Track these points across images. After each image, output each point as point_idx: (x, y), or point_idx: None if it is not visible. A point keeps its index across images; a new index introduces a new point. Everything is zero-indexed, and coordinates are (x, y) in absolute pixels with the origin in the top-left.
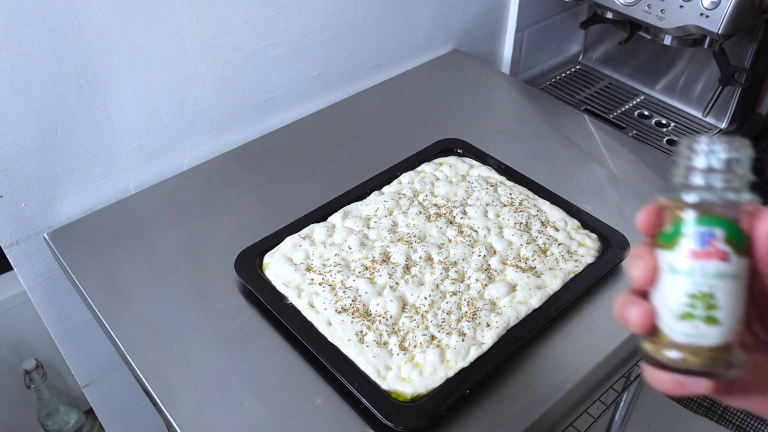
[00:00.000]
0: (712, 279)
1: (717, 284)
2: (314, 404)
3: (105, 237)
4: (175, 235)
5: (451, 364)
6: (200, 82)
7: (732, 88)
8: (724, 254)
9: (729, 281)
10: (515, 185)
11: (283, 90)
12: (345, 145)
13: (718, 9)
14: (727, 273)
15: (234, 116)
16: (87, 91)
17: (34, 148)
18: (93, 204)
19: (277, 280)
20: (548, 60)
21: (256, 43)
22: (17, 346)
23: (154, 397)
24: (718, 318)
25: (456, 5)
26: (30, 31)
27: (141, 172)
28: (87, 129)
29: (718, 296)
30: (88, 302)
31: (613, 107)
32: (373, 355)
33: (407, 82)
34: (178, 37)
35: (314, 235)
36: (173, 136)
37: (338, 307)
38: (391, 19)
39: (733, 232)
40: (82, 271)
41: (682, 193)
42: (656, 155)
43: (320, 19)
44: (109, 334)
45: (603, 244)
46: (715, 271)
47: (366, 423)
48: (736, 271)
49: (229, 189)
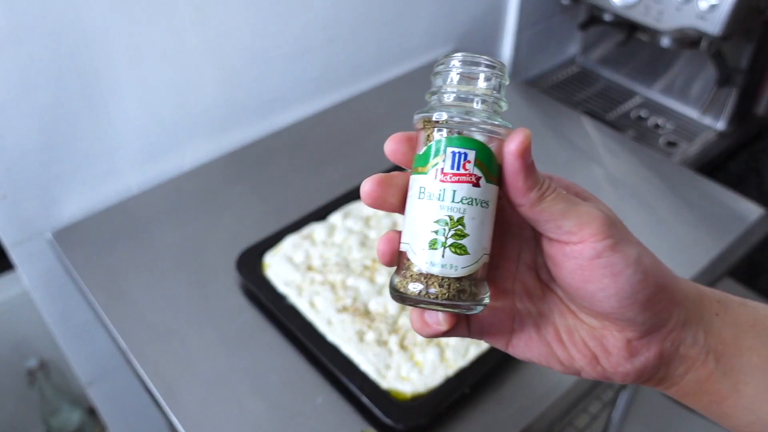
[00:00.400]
0: (463, 204)
1: (467, 210)
2: (315, 403)
3: (107, 237)
4: (177, 234)
5: (451, 363)
6: (201, 83)
7: (730, 89)
8: (476, 178)
9: (478, 208)
10: None
11: (284, 91)
12: (346, 146)
13: (716, 11)
14: (477, 198)
15: (235, 117)
16: (89, 92)
17: (36, 148)
18: (95, 204)
19: (278, 280)
20: (547, 61)
21: (257, 44)
22: (19, 345)
23: (156, 396)
24: (465, 246)
25: (456, 7)
26: (32, 32)
27: (142, 173)
28: (89, 129)
29: (467, 223)
30: (91, 302)
31: (612, 108)
32: (373, 354)
33: (408, 82)
34: (179, 38)
35: (315, 234)
36: (174, 137)
37: (338, 306)
38: (392, 21)
39: (485, 155)
40: (85, 270)
41: (435, 113)
42: (654, 156)
43: (321, 20)
44: (111, 333)
45: None
46: (465, 195)
47: (366, 422)
48: (486, 197)
49: (230, 189)
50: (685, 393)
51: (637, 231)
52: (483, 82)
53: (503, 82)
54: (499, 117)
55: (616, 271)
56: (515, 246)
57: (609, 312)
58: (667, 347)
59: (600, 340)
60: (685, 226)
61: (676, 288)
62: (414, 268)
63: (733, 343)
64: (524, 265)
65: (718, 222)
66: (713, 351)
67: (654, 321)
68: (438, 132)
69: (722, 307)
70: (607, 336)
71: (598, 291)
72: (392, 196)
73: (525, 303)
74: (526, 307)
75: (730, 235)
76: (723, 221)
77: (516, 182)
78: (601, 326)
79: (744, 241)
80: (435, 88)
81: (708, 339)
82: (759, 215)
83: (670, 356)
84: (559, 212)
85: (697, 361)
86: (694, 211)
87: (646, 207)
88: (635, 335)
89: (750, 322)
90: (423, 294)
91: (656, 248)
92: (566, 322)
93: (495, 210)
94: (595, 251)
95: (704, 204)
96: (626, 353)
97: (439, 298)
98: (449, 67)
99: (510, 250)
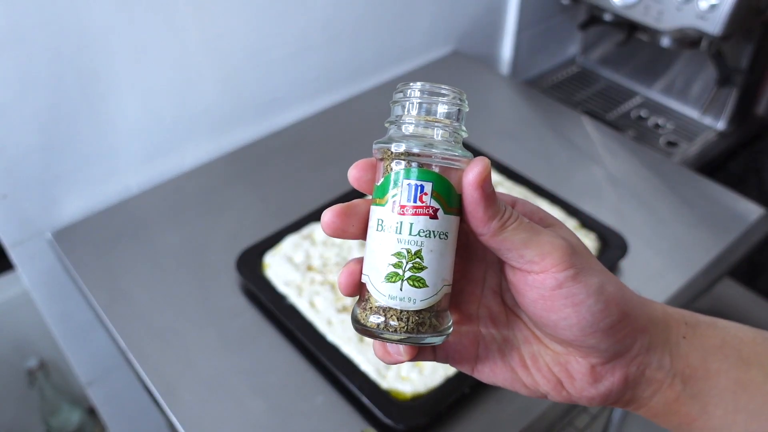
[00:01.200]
0: (420, 237)
1: (424, 242)
2: (315, 403)
3: (107, 237)
4: (177, 235)
5: None
6: (202, 83)
7: (730, 89)
8: (434, 210)
9: (436, 240)
10: (514, 185)
11: (284, 91)
12: (346, 146)
13: (716, 11)
14: (434, 230)
15: (235, 117)
16: (89, 92)
17: (36, 148)
18: (95, 204)
19: (278, 280)
20: (547, 61)
21: (258, 44)
22: (19, 345)
23: (156, 396)
24: (424, 279)
25: (456, 7)
26: (33, 33)
27: (143, 173)
28: (89, 130)
29: (425, 255)
30: (91, 301)
31: (612, 108)
32: (373, 354)
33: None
34: (179, 38)
35: (315, 234)
36: (175, 137)
37: (338, 306)
38: (392, 21)
39: (442, 187)
40: (85, 270)
41: (393, 145)
42: (654, 156)
43: (321, 20)
44: (111, 333)
45: (601, 244)
46: (422, 228)
47: (366, 422)
48: (445, 228)
49: (231, 189)
50: (654, 414)
51: (637, 231)
52: (442, 111)
53: (463, 109)
54: (459, 146)
55: (577, 301)
56: (480, 270)
57: (572, 340)
58: (632, 371)
59: (564, 365)
60: (685, 226)
61: (640, 314)
62: (374, 300)
63: (701, 365)
64: (489, 289)
65: (718, 222)
66: (680, 374)
67: (617, 348)
68: (396, 164)
69: (690, 330)
70: (572, 362)
71: (560, 320)
72: (352, 226)
73: (489, 328)
74: (490, 333)
75: (730, 235)
76: (723, 221)
77: (476, 212)
78: (566, 352)
79: (744, 241)
80: (394, 118)
81: (674, 362)
82: (759, 215)
83: (636, 380)
84: (521, 242)
85: (664, 384)
86: (694, 211)
87: (646, 207)
88: (599, 361)
89: (718, 345)
90: (383, 327)
91: (656, 248)
92: (531, 348)
93: (456, 240)
94: (557, 281)
95: (704, 204)
96: (590, 378)
97: (399, 331)
98: (407, 96)
99: (475, 273)
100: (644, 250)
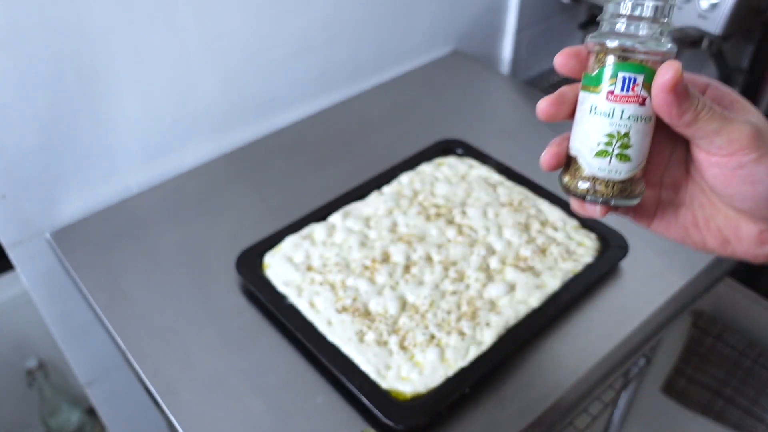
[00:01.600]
0: (629, 121)
1: (632, 125)
2: (315, 403)
3: (107, 237)
4: (177, 234)
5: (451, 363)
6: (202, 82)
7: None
8: (642, 99)
9: (642, 123)
10: (515, 185)
11: (284, 91)
12: (345, 146)
13: (717, 10)
14: (641, 116)
15: (235, 117)
16: (89, 92)
17: (36, 148)
18: (95, 204)
19: (278, 280)
20: (547, 61)
21: (258, 44)
22: (19, 345)
23: (156, 396)
24: (629, 155)
25: (456, 6)
26: (32, 32)
27: (143, 173)
28: (89, 130)
29: (632, 136)
30: (90, 302)
31: None
32: (373, 354)
33: (407, 82)
34: (179, 38)
35: (314, 235)
36: (175, 137)
37: (338, 306)
38: (392, 20)
39: (651, 79)
40: (84, 271)
41: (608, 39)
42: None
43: (321, 20)
44: (110, 333)
45: (602, 244)
46: (631, 114)
47: (366, 422)
48: (650, 113)
49: (230, 189)
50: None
51: (638, 231)
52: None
53: (673, 4)
54: (666, 39)
55: (756, 180)
56: (669, 143)
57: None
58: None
59: (735, 228)
60: None
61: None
62: (583, 171)
63: None
64: (675, 159)
65: None
66: None
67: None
68: (611, 57)
69: None
70: (742, 225)
71: (737, 194)
72: (562, 112)
73: (669, 194)
74: (669, 196)
75: None
76: None
77: (670, 111)
78: (738, 217)
79: None
80: (608, 14)
81: None
82: None
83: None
84: (713, 130)
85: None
86: None
87: None
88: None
89: None
90: (590, 192)
91: (656, 247)
92: (705, 211)
93: (655, 121)
94: (740, 163)
95: None
96: (758, 241)
97: (604, 195)
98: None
99: (664, 146)
100: (645, 250)
